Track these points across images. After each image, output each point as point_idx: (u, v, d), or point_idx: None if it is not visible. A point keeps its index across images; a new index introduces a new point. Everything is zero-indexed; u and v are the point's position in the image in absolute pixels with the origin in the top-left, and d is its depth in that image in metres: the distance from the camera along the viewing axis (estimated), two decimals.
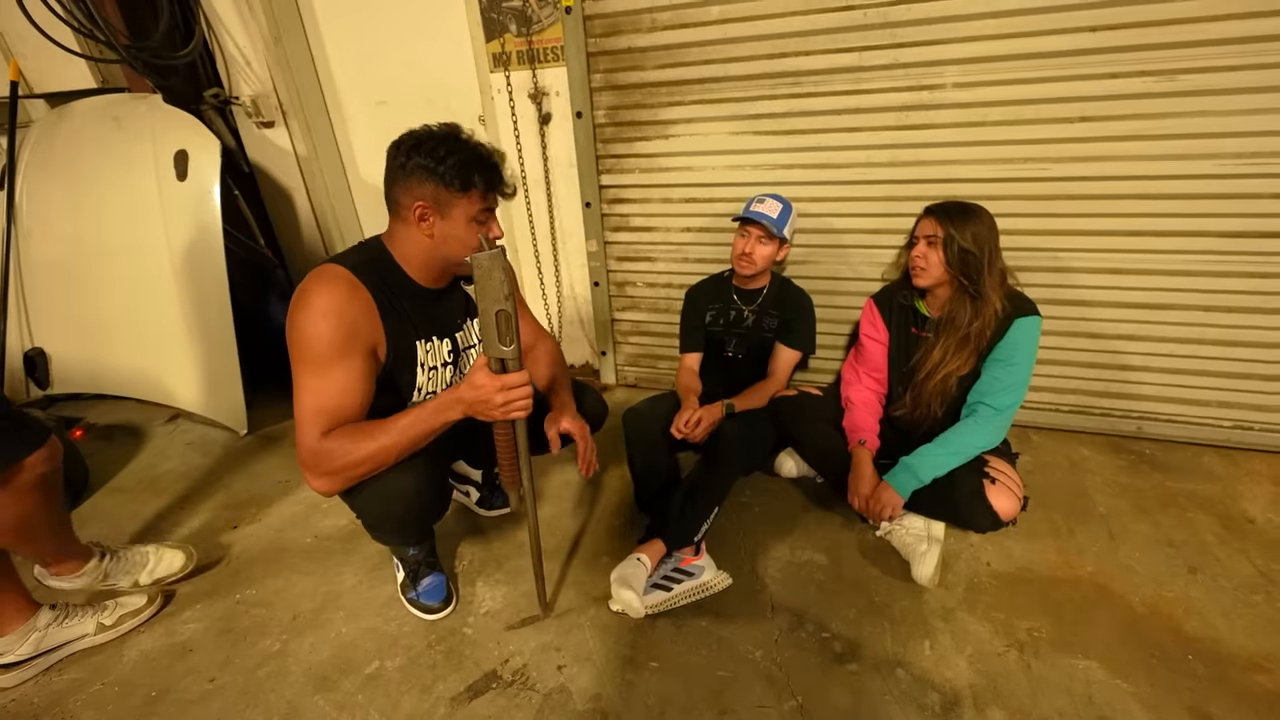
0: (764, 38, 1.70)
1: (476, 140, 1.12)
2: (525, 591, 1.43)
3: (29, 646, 1.25)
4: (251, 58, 2.28)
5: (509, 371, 1.04)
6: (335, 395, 1.06)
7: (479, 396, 1.05)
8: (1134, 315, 1.72)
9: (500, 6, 1.92)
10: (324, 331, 1.05)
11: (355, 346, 1.08)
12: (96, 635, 1.32)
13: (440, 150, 1.06)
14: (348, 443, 1.06)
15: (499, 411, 1.05)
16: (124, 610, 1.36)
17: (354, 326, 1.08)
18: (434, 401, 1.10)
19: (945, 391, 1.51)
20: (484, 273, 0.95)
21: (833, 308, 1.98)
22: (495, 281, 0.95)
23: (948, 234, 1.42)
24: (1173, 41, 1.42)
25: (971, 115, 1.63)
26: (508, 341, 1.00)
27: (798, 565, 1.47)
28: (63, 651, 1.30)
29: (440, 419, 1.09)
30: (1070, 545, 1.49)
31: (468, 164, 1.08)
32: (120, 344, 2.29)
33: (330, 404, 1.06)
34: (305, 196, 2.51)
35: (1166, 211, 1.58)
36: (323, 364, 1.06)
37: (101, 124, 2.22)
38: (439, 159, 1.06)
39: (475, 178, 1.09)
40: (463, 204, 1.10)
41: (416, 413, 1.10)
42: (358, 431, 1.08)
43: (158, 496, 1.88)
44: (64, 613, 1.30)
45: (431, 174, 1.07)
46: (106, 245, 2.20)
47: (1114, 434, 1.89)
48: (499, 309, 0.96)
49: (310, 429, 1.05)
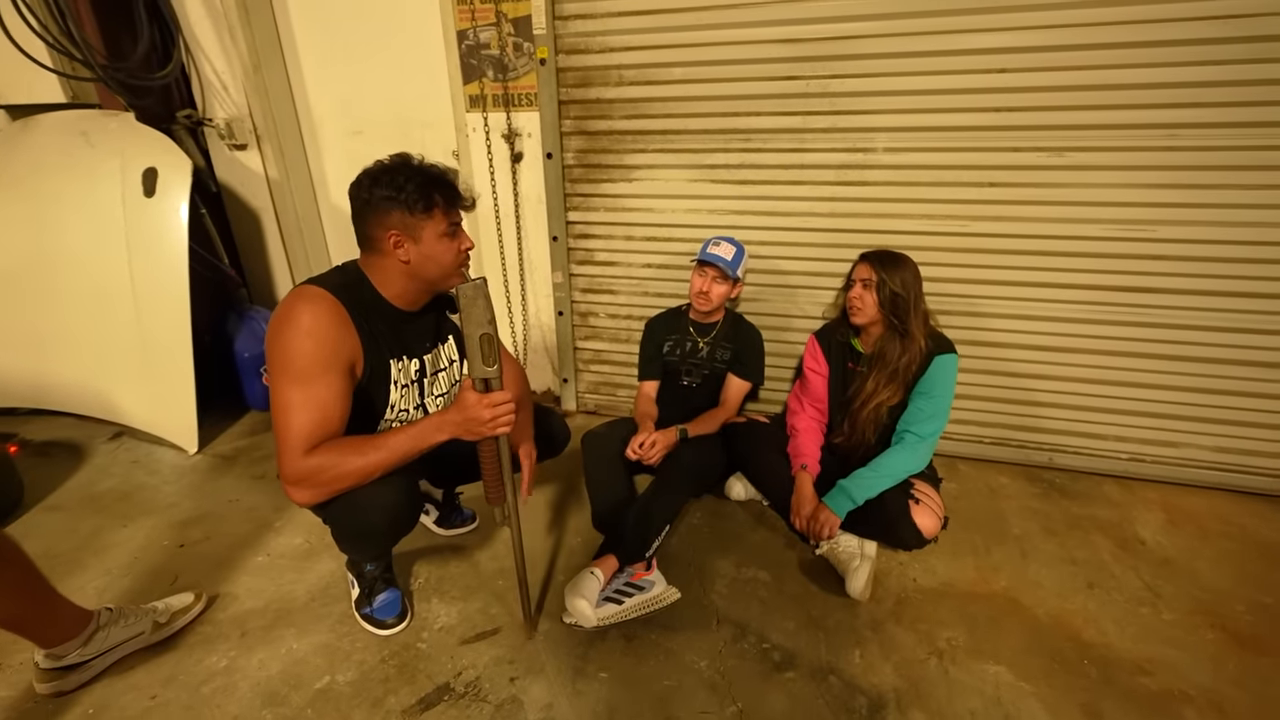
0: (720, 98, 1.89)
1: (429, 163, 1.20)
2: (480, 608, 1.47)
3: (93, 647, 1.25)
4: (229, 83, 2.34)
5: (492, 390, 1.12)
6: (318, 410, 1.11)
7: (468, 415, 1.11)
8: (1041, 357, 1.94)
9: (479, 54, 2.06)
10: (308, 349, 1.10)
11: (336, 363, 1.13)
12: (153, 634, 1.34)
13: (399, 179, 1.14)
14: (336, 457, 1.10)
15: (487, 428, 1.12)
16: (175, 608, 1.40)
17: (336, 344, 1.14)
18: (424, 423, 1.16)
19: (878, 420, 1.66)
20: (468, 301, 1.04)
21: (781, 343, 2.13)
22: (479, 308, 1.04)
23: (880, 278, 1.59)
24: (1059, 125, 1.68)
25: (900, 176, 1.84)
26: (491, 362, 1.08)
27: (743, 581, 1.56)
28: (121, 650, 1.30)
29: (429, 440, 1.15)
30: (987, 563, 1.63)
31: (426, 185, 1.16)
32: (66, 358, 2.23)
33: (315, 418, 1.10)
34: (274, 218, 2.54)
35: (1062, 267, 1.82)
36: (306, 379, 1.10)
37: (69, 138, 2.22)
38: (399, 187, 1.14)
39: (436, 196, 1.17)
40: (429, 224, 1.18)
41: (407, 431, 1.15)
42: (348, 446, 1.12)
43: (97, 515, 1.83)
44: (120, 614, 1.31)
45: (395, 202, 1.15)
46: (63, 258, 2.17)
47: (1028, 464, 2.08)
48: (482, 333, 1.05)
49: (295, 444, 1.09)
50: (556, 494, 1.92)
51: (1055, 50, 1.61)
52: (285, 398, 1.10)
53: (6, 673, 1.29)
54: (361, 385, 1.22)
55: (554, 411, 1.62)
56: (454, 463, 1.53)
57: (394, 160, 1.19)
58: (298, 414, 1.10)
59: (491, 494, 1.23)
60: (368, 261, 1.24)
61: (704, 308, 1.86)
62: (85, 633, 1.24)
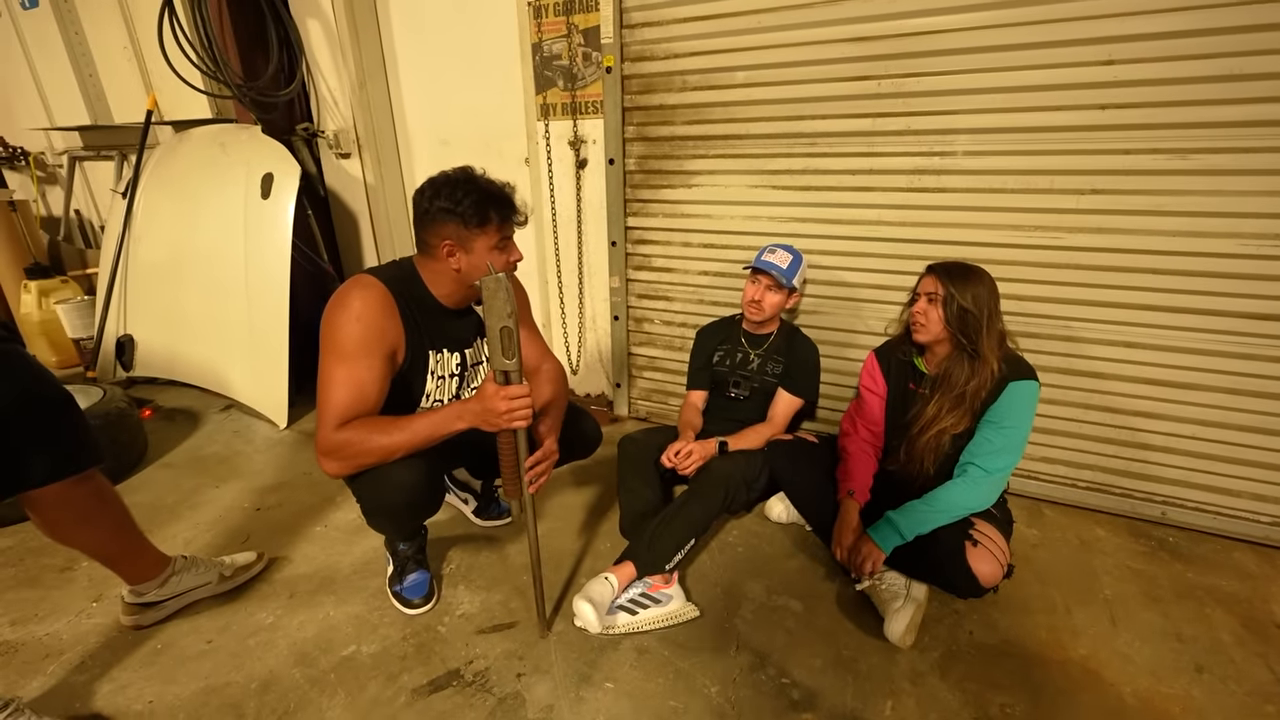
0: (784, 101, 1.82)
1: (488, 179, 1.26)
2: (501, 600, 1.49)
3: (168, 589, 1.41)
4: (339, 98, 2.60)
5: (511, 384, 1.14)
6: (356, 388, 1.19)
7: (485, 405, 1.15)
8: (1151, 392, 1.66)
9: (551, 65, 2.14)
10: (355, 332, 1.19)
11: (379, 348, 1.22)
12: (219, 585, 1.49)
13: (458, 193, 1.21)
14: (365, 433, 1.18)
15: (503, 419, 1.14)
16: (239, 565, 1.55)
17: (381, 330, 1.22)
18: (446, 410, 1.21)
19: (938, 448, 1.50)
20: (490, 294, 1.07)
21: (842, 359, 2.00)
22: (500, 301, 1.06)
23: (948, 293, 1.44)
24: (1182, 122, 1.44)
25: (983, 182, 1.67)
26: (510, 355, 1.11)
27: (771, 609, 1.46)
28: (191, 595, 1.46)
29: (449, 427, 1.20)
30: (1065, 624, 1.41)
31: (483, 201, 1.22)
32: (193, 337, 2.58)
33: (351, 395, 1.18)
34: (369, 220, 2.78)
35: (1183, 288, 1.55)
36: (350, 359, 1.19)
37: (210, 148, 2.58)
38: (457, 200, 1.20)
39: (490, 212, 1.23)
40: (482, 238, 1.24)
41: (429, 417, 1.21)
42: (374, 425, 1.19)
43: (199, 475, 2.08)
44: (193, 563, 1.47)
45: (452, 214, 1.21)
46: (196, 250, 2.52)
47: (1134, 516, 1.78)
48: (502, 325, 1.08)
49: (330, 417, 1.18)
50: (593, 496, 1.92)
51: (1176, 37, 1.39)
52: (329, 374, 1.19)
53: (104, 603, 1.49)
54: (402, 372, 1.29)
55: (587, 413, 1.62)
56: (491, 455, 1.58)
57: (457, 173, 1.25)
58: (337, 390, 1.18)
59: (508, 487, 1.25)
60: (422, 261, 1.32)
61: (756, 317, 1.79)
62: (163, 575, 1.41)
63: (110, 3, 2.93)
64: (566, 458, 1.61)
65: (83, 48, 3.14)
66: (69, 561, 1.62)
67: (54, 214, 3.67)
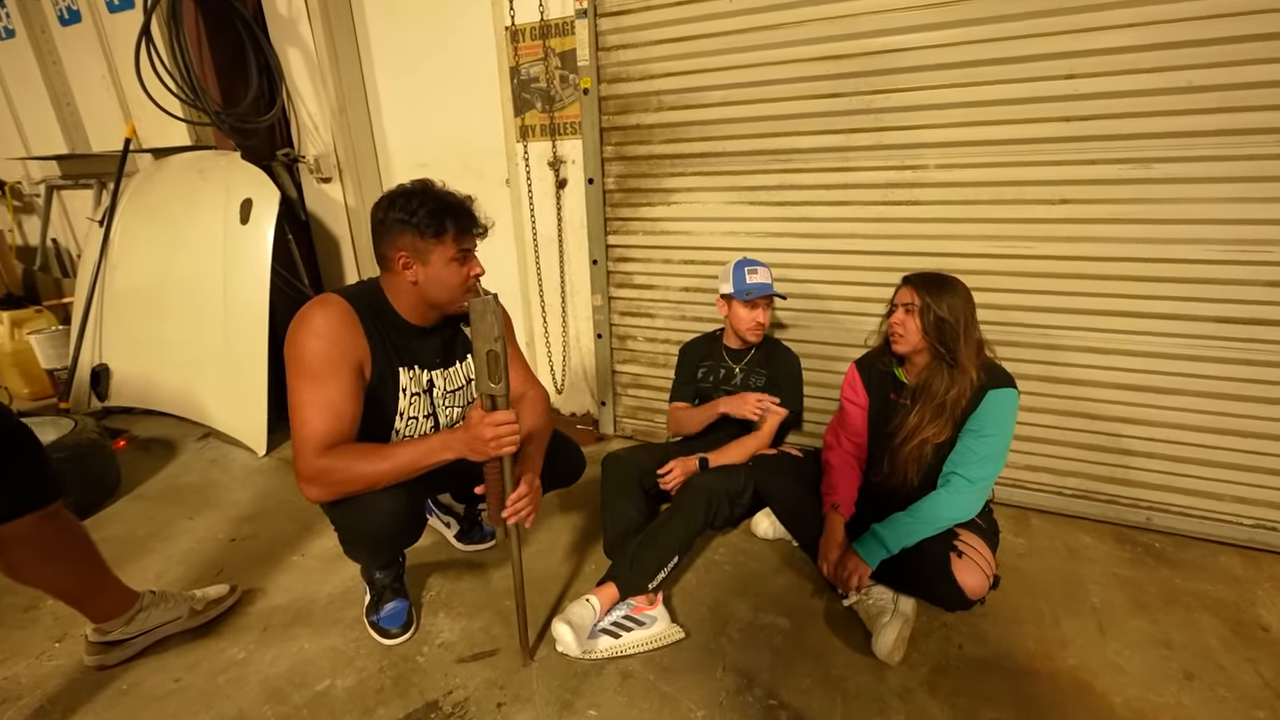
0: (758, 119, 1.85)
1: (446, 190, 1.25)
2: (482, 627, 1.46)
3: (134, 626, 1.36)
4: (319, 123, 2.61)
5: (498, 409, 1.12)
6: (330, 410, 1.16)
7: (471, 434, 1.12)
8: (1130, 397, 1.68)
9: (529, 87, 2.17)
10: (318, 348, 1.17)
11: (345, 363, 1.19)
12: (189, 620, 1.44)
13: (413, 204, 1.19)
14: (347, 461, 1.15)
15: (490, 446, 1.12)
16: (211, 598, 1.49)
17: (345, 344, 1.20)
18: (432, 440, 1.18)
19: (921, 458, 1.49)
20: (478, 316, 1.05)
21: (824, 372, 2.01)
22: (488, 324, 1.04)
23: (924, 303, 1.45)
24: (1144, 133, 1.48)
25: (955, 194, 1.70)
26: (497, 379, 1.09)
27: (758, 628, 1.44)
28: (160, 632, 1.40)
29: (435, 457, 1.18)
30: (1054, 635, 1.40)
31: (438, 211, 1.20)
32: (171, 364, 2.54)
33: (326, 418, 1.16)
34: (351, 243, 2.78)
35: (1153, 294, 1.58)
36: (318, 379, 1.17)
37: (188, 175, 2.57)
38: (411, 211, 1.19)
39: (446, 222, 1.20)
40: (439, 249, 1.22)
41: (415, 447, 1.18)
42: (359, 453, 1.17)
43: (173, 506, 2.03)
44: (162, 598, 1.42)
45: (408, 225, 1.19)
46: (174, 277, 2.50)
47: (1119, 523, 1.78)
48: (489, 349, 1.06)
49: (310, 443, 1.15)
50: (579, 518, 1.89)
51: (1133, 51, 1.43)
52: (300, 396, 1.17)
53: (68, 643, 1.44)
54: (371, 388, 1.27)
55: (571, 441, 1.60)
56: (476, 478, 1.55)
57: (414, 184, 1.24)
58: (311, 413, 1.15)
59: (493, 513, 1.22)
60: (385, 278, 1.31)
61: (758, 339, 1.80)
62: (129, 612, 1.36)
63: (88, 32, 2.94)
64: (550, 486, 1.59)
65: (60, 77, 3.15)
66: (33, 600, 1.57)
67: (30, 243, 3.64)
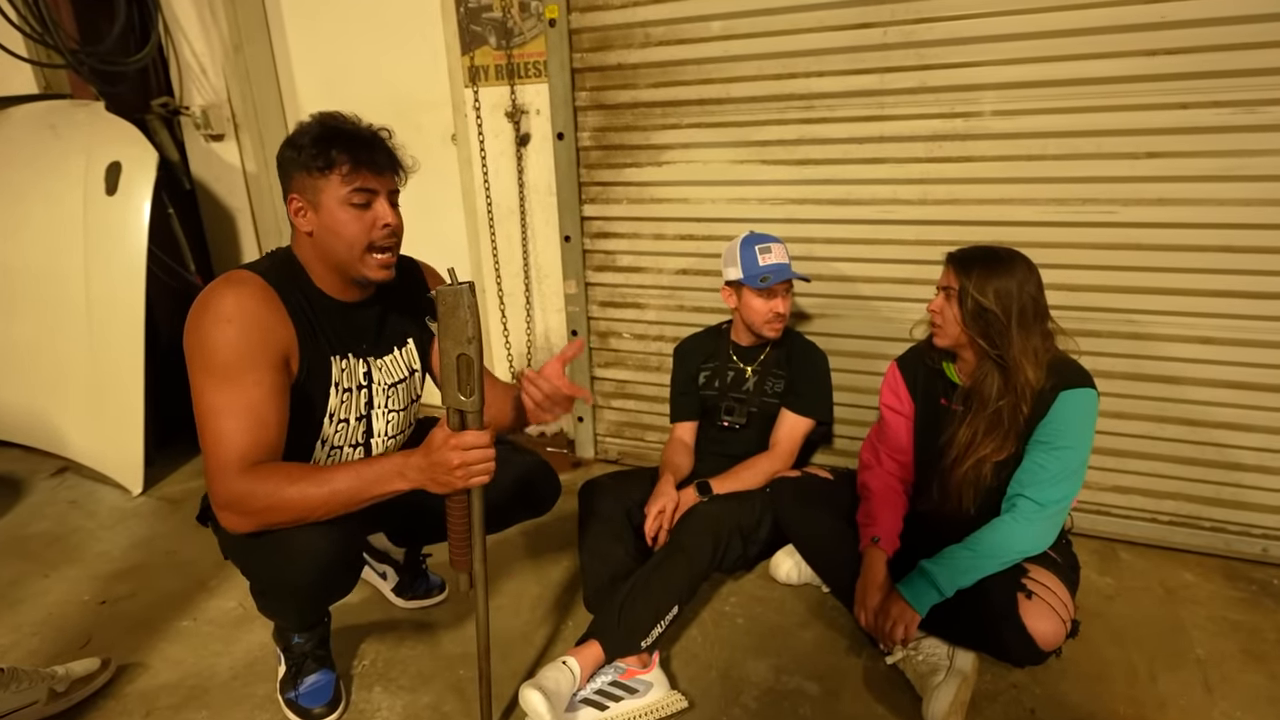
0: (771, 56, 1.92)
1: (350, 119, 1.26)
2: (431, 703, 1.48)
3: None
4: (208, 66, 2.65)
5: (468, 428, 1.10)
6: (250, 415, 1.17)
7: (433, 459, 1.11)
8: (1239, 398, 1.75)
9: (480, 18, 2.22)
10: (231, 337, 1.17)
11: (266, 354, 1.20)
12: (49, 704, 1.44)
13: (303, 138, 1.21)
14: (272, 485, 1.15)
15: (457, 476, 1.11)
16: (76, 676, 1.49)
17: (265, 331, 1.20)
18: (381, 464, 1.19)
19: (978, 481, 1.55)
20: (447, 309, 1.03)
21: (858, 373, 2.07)
22: (459, 320, 1.02)
23: (962, 287, 1.50)
24: (1246, 69, 1.55)
25: (1017, 147, 1.77)
26: (468, 391, 1.06)
27: (781, 694, 1.48)
28: None
29: (385, 487, 1.18)
30: (1149, 695, 1.46)
31: (324, 138, 1.21)
32: (15, 380, 2.54)
33: (246, 426, 1.16)
34: (250, 219, 2.80)
35: (1264, 268, 1.65)
36: (232, 376, 1.17)
37: (37, 132, 2.58)
38: (299, 145, 1.21)
39: (334, 152, 1.20)
40: (329, 186, 1.21)
41: (360, 473, 1.18)
42: (289, 475, 1.17)
43: (21, 560, 2.03)
44: (12, 677, 1.41)
45: (295, 163, 1.22)
46: (17, 266, 2.49)
47: (1229, 555, 1.86)
48: (460, 352, 1.05)
49: (227, 459, 1.15)
50: (552, 563, 1.93)
51: None
52: (210, 400, 1.17)
53: None
54: (298, 383, 1.28)
55: (540, 458, 1.63)
56: (419, 515, 1.57)
57: (315, 116, 1.26)
58: (227, 422, 1.16)
59: (456, 557, 1.24)
60: (294, 239, 1.33)
61: (776, 333, 1.84)
62: None
63: None
64: (515, 517, 1.62)
65: None
66: None
67: None
